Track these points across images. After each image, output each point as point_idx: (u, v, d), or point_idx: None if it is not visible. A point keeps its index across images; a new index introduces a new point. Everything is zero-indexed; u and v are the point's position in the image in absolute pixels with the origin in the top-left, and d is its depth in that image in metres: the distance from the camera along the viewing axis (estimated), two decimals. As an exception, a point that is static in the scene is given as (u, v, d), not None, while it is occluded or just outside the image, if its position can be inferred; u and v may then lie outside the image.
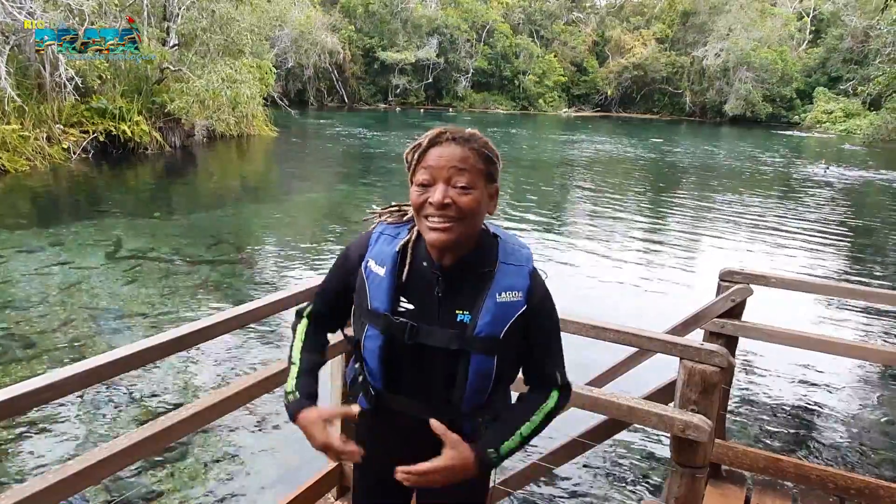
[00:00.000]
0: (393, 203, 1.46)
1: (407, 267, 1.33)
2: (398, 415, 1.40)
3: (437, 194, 1.23)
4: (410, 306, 1.32)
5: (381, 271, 1.34)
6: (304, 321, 1.51)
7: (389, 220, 1.42)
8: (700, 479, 1.92)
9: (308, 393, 1.39)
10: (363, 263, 1.37)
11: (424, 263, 1.33)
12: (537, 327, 1.35)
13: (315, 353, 1.48)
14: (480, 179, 1.27)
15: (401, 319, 1.31)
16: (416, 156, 1.29)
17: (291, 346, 1.49)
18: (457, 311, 1.29)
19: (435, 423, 1.26)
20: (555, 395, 1.39)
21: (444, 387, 1.33)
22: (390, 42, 47.17)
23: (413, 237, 1.36)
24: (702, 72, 50.90)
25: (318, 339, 1.51)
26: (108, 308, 6.53)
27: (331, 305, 1.50)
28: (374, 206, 1.50)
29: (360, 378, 1.44)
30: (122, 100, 17.18)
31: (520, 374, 1.48)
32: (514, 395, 1.51)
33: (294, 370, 1.43)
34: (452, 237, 1.25)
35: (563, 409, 1.41)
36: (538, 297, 1.35)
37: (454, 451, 1.25)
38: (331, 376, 2.48)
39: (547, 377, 1.39)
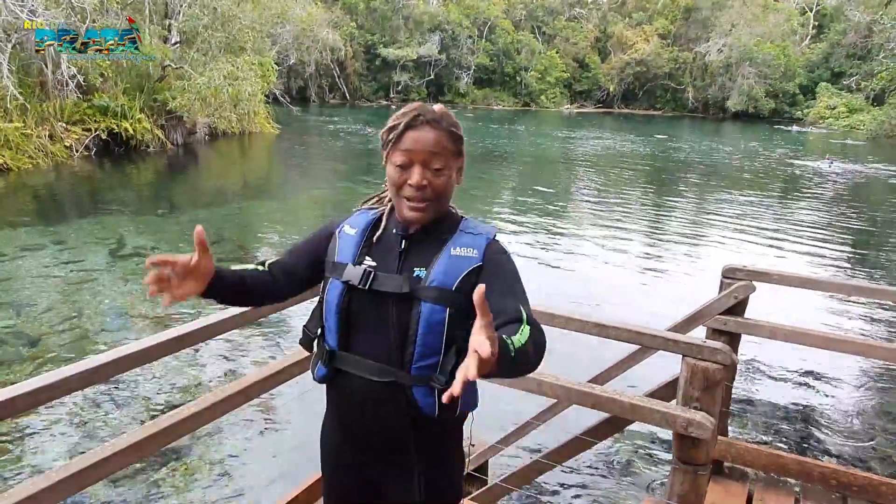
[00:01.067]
0: (372, 195, 1.55)
1: (380, 230, 1.43)
2: (350, 378, 1.39)
3: (415, 177, 1.33)
4: (374, 263, 1.38)
5: (353, 232, 1.44)
6: (261, 267, 1.48)
7: (368, 204, 1.53)
8: (703, 476, 1.92)
9: (220, 276, 1.37)
10: (339, 229, 1.47)
11: (394, 231, 1.42)
12: (494, 279, 1.31)
13: (249, 281, 1.44)
14: (451, 159, 1.38)
15: (360, 267, 1.37)
16: (392, 137, 1.36)
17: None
18: (414, 268, 1.36)
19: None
20: (525, 328, 1.18)
21: (396, 344, 1.34)
22: (392, 38, 47.15)
23: (388, 208, 1.47)
24: (704, 67, 50.79)
25: (259, 282, 1.46)
26: (110, 306, 6.55)
27: (292, 263, 1.50)
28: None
29: (315, 341, 1.47)
30: (124, 97, 17.19)
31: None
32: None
33: (234, 268, 1.44)
34: (429, 216, 1.37)
35: (542, 346, 1.20)
36: (494, 253, 1.38)
37: (483, 348, 0.98)
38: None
39: (511, 312, 1.24)
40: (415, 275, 1.34)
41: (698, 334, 2.95)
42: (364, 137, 25.19)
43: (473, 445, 3.36)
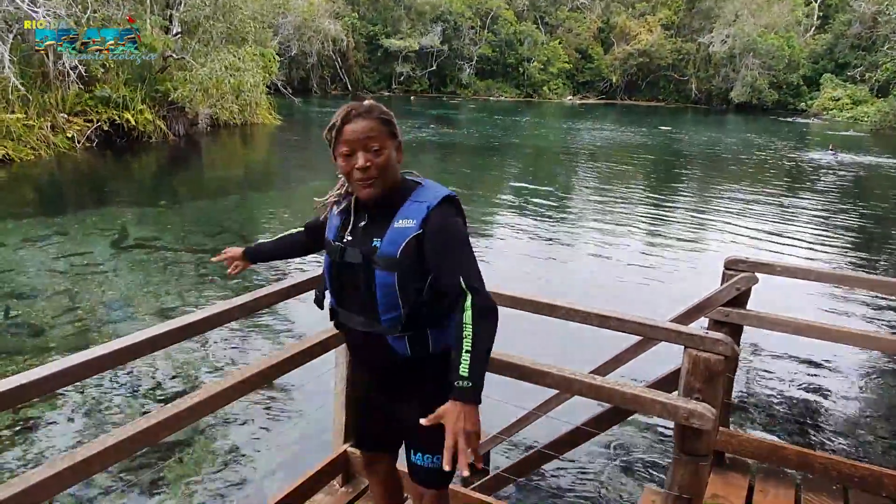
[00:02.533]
0: (336, 191, 1.81)
1: (353, 214, 1.70)
2: (347, 329, 1.76)
3: (359, 160, 1.58)
4: (350, 238, 1.68)
5: (336, 216, 1.76)
6: (300, 228, 2.08)
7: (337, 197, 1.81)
8: (704, 467, 1.92)
9: (252, 250, 2.19)
10: (330, 215, 1.80)
11: (361, 211, 1.70)
12: (431, 247, 1.56)
13: (284, 247, 2.14)
14: (387, 140, 1.62)
15: (337, 243, 1.69)
16: (333, 134, 1.62)
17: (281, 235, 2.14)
18: (374, 238, 1.62)
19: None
20: (467, 300, 1.48)
21: (367, 302, 1.64)
22: (394, 29, 46.91)
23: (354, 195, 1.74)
24: (708, 58, 50.49)
25: (292, 243, 2.11)
26: (113, 297, 6.57)
27: (315, 229, 1.97)
28: (316, 199, 1.85)
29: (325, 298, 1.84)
30: (125, 88, 17.16)
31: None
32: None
33: (267, 242, 2.20)
34: (379, 191, 1.61)
35: (491, 309, 1.50)
36: (434, 222, 1.58)
37: (445, 417, 1.40)
38: (335, 363, 2.49)
39: (449, 287, 1.52)
40: (372, 244, 1.61)
41: (701, 325, 2.95)
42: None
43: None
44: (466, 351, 1.42)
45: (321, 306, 1.85)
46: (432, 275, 1.57)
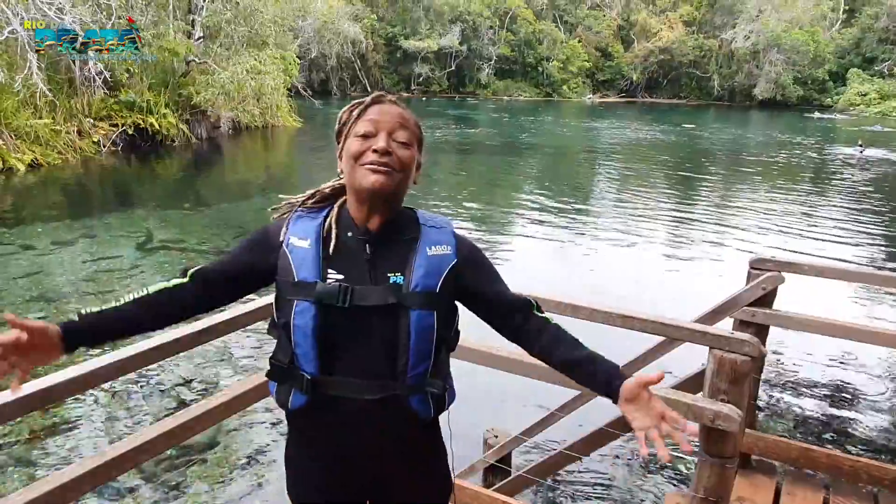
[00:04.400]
0: (309, 193, 1.41)
1: (334, 239, 1.28)
2: (339, 402, 1.28)
3: (380, 141, 1.24)
4: (340, 276, 1.26)
5: (306, 243, 1.29)
6: (181, 280, 1.33)
7: (308, 203, 1.38)
8: (730, 469, 1.90)
9: (80, 327, 1.23)
10: (284, 241, 1.30)
11: (349, 234, 1.30)
12: (476, 273, 1.36)
13: (147, 312, 1.31)
14: (415, 142, 1.31)
15: (332, 283, 1.25)
16: (356, 112, 1.30)
17: (138, 291, 1.33)
18: (388, 274, 1.27)
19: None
20: (548, 316, 1.40)
21: (385, 357, 1.26)
22: (413, 30, 47.05)
23: (335, 211, 1.33)
24: (730, 55, 49.82)
25: (167, 304, 1.32)
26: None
27: (220, 274, 1.34)
28: (281, 196, 1.45)
29: (289, 370, 1.30)
30: (149, 93, 17.45)
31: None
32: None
33: (109, 305, 1.29)
34: (390, 183, 1.25)
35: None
36: (466, 248, 1.36)
37: (639, 407, 1.22)
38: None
39: (516, 300, 1.39)
40: (391, 281, 1.26)
41: (725, 326, 2.91)
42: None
43: (496, 437, 3.37)
44: (592, 354, 1.34)
45: (280, 379, 1.34)
46: (491, 299, 1.37)
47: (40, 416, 4.31)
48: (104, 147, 16.08)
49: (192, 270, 1.33)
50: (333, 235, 1.29)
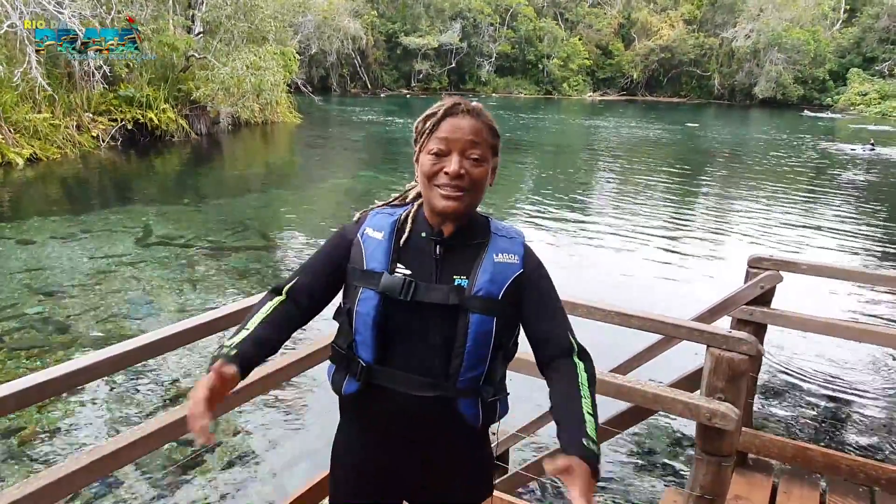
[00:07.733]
0: (396, 196, 1.46)
1: (406, 233, 1.33)
2: (389, 393, 1.30)
3: (453, 165, 1.26)
4: (408, 272, 1.29)
5: (379, 235, 1.34)
6: (280, 297, 1.36)
7: (391, 203, 1.44)
8: (726, 467, 1.90)
9: (245, 357, 1.21)
10: (360, 233, 1.35)
11: (423, 234, 1.34)
12: (536, 293, 1.34)
13: (275, 332, 1.31)
14: (489, 153, 1.32)
15: (396, 276, 1.28)
16: (429, 125, 1.30)
17: (251, 316, 1.32)
18: (454, 276, 1.29)
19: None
20: (579, 364, 1.32)
21: (440, 356, 1.28)
22: (413, 27, 47.00)
23: (413, 209, 1.38)
24: (731, 53, 49.80)
25: (286, 322, 1.34)
26: (137, 293, 6.67)
27: (313, 284, 1.38)
28: (377, 201, 1.48)
29: (347, 355, 1.34)
30: (149, 88, 17.40)
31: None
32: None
33: (244, 333, 1.27)
34: (463, 206, 1.29)
35: (594, 375, 1.35)
36: (533, 262, 1.36)
37: (576, 477, 1.08)
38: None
39: (559, 340, 1.33)
40: (455, 283, 1.28)
41: (723, 325, 2.91)
42: (385, 127, 25.21)
43: (495, 434, 3.36)
44: (589, 413, 1.23)
45: (342, 363, 1.36)
46: (538, 326, 1.34)
47: (37, 411, 4.31)
48: (103, 142, 16.04)
49: (285, 288, 1.38)
50: (407, 230, 1.34)
